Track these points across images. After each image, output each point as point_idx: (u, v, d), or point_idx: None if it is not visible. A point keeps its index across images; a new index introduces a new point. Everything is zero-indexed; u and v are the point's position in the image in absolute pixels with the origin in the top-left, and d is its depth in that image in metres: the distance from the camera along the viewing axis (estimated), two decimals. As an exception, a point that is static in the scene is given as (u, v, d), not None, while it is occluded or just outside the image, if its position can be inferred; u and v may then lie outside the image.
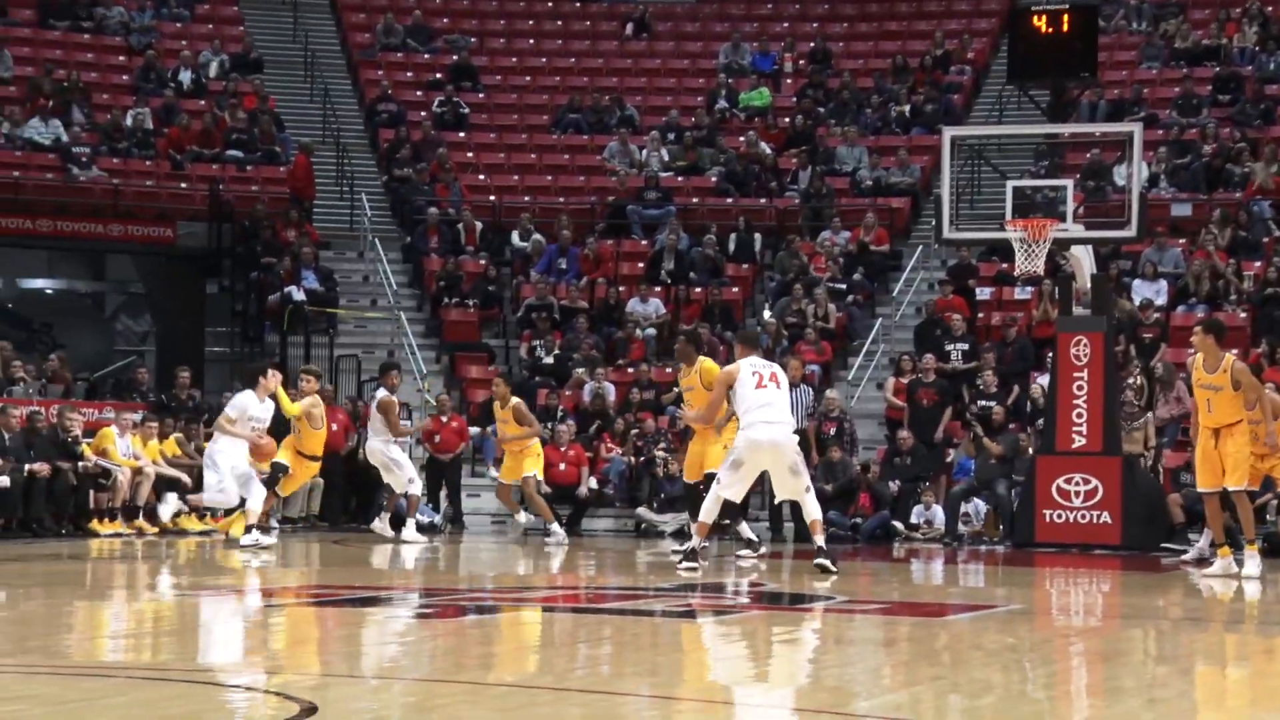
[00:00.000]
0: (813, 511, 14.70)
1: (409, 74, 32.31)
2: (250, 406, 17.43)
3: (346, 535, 20.60)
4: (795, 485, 14.60)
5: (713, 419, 15.61)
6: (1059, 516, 19.08)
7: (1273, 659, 9.99)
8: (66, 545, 17.99)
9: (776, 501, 17.72)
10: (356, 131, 31.27)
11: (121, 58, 31.39)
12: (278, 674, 8.09)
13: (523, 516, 20.25)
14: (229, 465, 17.32)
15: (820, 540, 14.64)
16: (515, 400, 19.71)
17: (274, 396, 17.72)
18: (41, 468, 19.03)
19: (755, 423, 14.30)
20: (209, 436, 22.00)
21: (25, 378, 22.42)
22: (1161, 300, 23.99)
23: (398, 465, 18.97)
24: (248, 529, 17.25)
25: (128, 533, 19.57)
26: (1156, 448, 20.25)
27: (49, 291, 35.58)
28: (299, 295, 26.05)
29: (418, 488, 19.49)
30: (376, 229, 28.43)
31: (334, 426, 21.31)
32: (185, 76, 30.63)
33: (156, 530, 19.86)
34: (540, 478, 19.80)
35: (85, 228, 27.58)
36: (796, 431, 20.46)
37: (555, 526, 19.53)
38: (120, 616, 11.23)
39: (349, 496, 22.69)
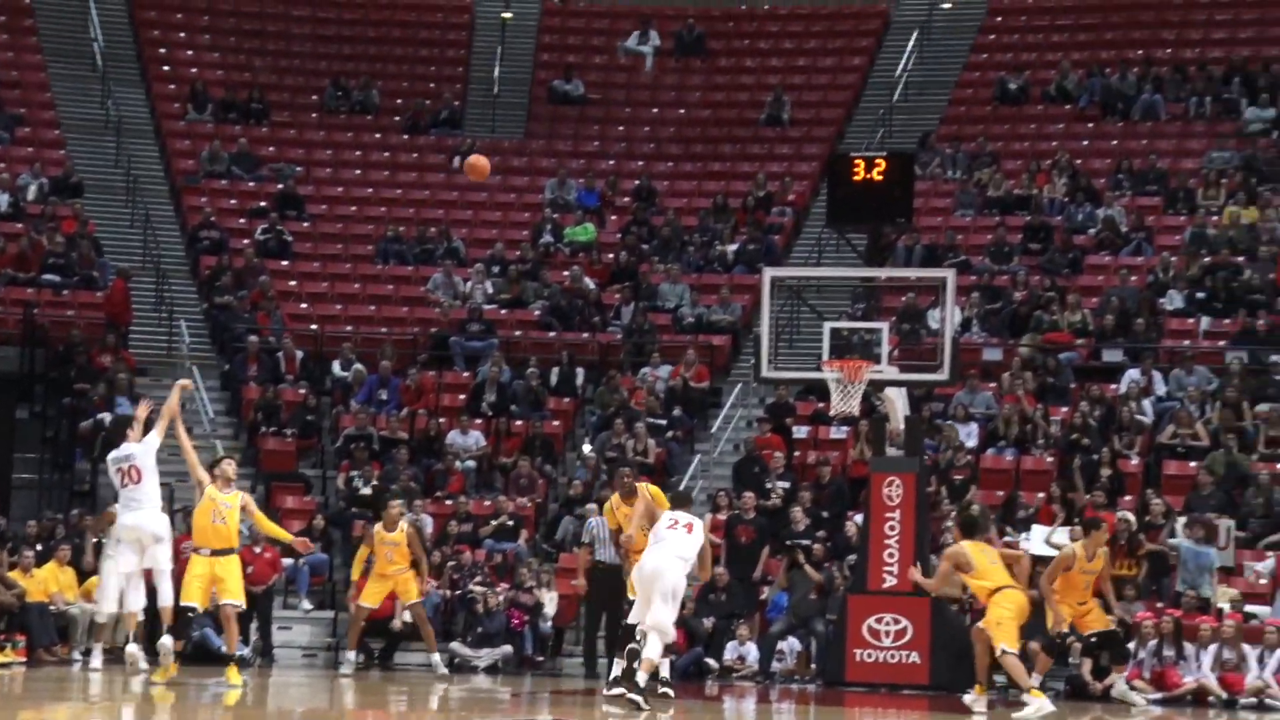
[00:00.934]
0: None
1: (232, 201, 32.16)
2: None
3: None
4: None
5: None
6: (869, 656, 19.25)
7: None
8: None
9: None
10: (177, 257, 31.01)
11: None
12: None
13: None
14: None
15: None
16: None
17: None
18: None
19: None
20: (12, 565, 21.56)
21: None
22: (972, 443, 24.43)
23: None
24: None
25: None
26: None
27: None
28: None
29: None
30: (195, 356, 28.14)
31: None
32: (3, 199, 30.23)
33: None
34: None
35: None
36: (614, 567, 20.63)
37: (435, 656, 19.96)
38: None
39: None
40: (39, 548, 22.06)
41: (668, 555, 15.30)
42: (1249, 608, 20.36)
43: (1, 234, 29.04)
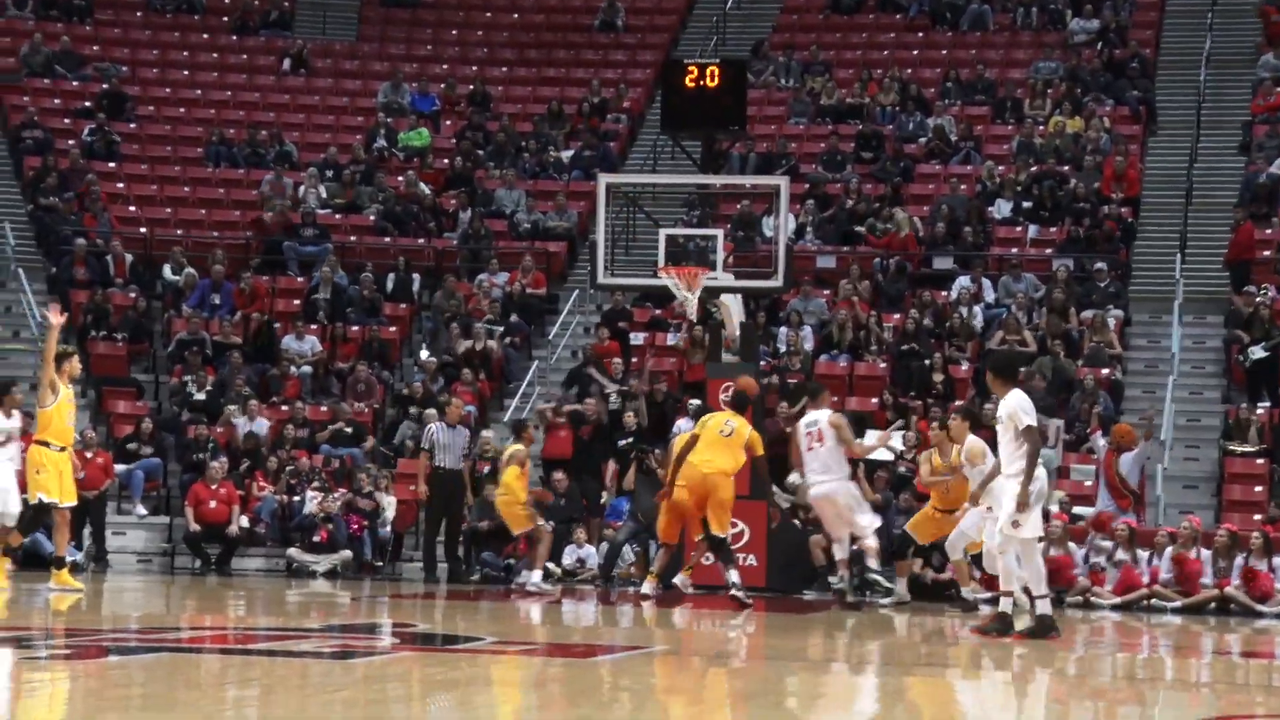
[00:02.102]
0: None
1: (56, 100, 31.45)
2: None
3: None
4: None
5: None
6: (706, 559, 19.48)
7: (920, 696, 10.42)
8: None
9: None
10: (0, 158, 30.31)
11: None
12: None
13: None
14: None
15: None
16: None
17: None
18: None
19: None
20: None
21: None
22: (808, 346, 24.74)
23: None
24: None
25: None
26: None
27: None
28: None
29: None
30: (20, 258, 27.59)
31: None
32: None
33: None
34: None
35: None
36: (453, 471, 20.69)
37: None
38: None
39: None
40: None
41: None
42: (1076, 509, 20.93)
43: None
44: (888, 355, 24.57)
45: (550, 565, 20.10)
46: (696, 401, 21.29)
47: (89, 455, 22.08)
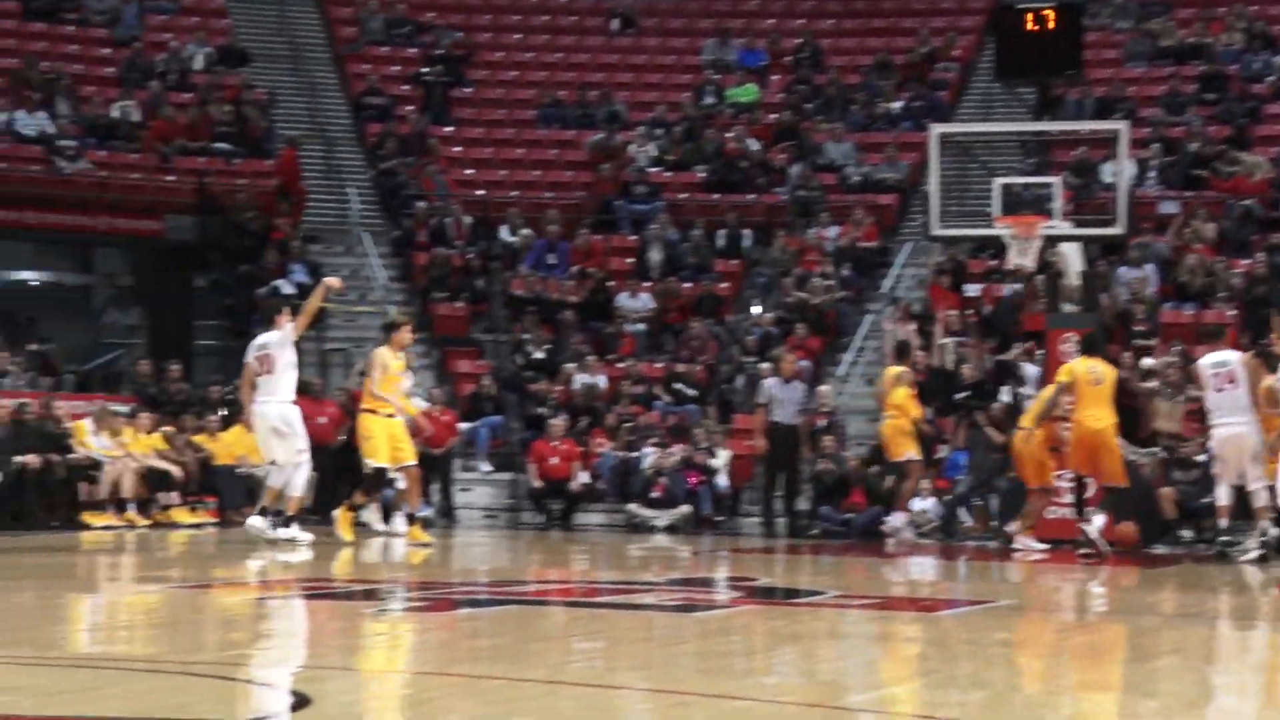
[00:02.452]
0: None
1: (395, 67, 32.24)
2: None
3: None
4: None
5: None
6: (1050, 512, 19.04)
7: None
8: (57, 537, 17.93)
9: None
10: (344, 125, 31.21)
11: (106, 50, 31.28)
12: (270, 666, 8.06)
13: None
14: None
15: None
16: None
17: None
18: (31, 460, 18.97)
19: None
20: (198, 430, 22.01)
21: (14, 369, 22.37)
22: (1151, 290, 23.95)
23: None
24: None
25: (118, 525, 19.53)
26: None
27: (35, 284, 35.45)
28: (287, 289, 25.98)
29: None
30: (364, 223, 28.40)
31: (323, 420, 21.33)
32: (171, 68, 30.53)
33: (148, 522, 19.83)
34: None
35: (72, 220, 27.52)
36: (788, 426, 20.60)
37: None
38: (112, 608, 11.20)
39: (340, 489, 22.62)
40: (224, 412, 22.47)
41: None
42: None
43: (171, 104, 29.35)
44: (1237, 302, 23.66)
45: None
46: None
47: (435, 413, 22.66)
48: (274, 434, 16.36)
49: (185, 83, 30.35)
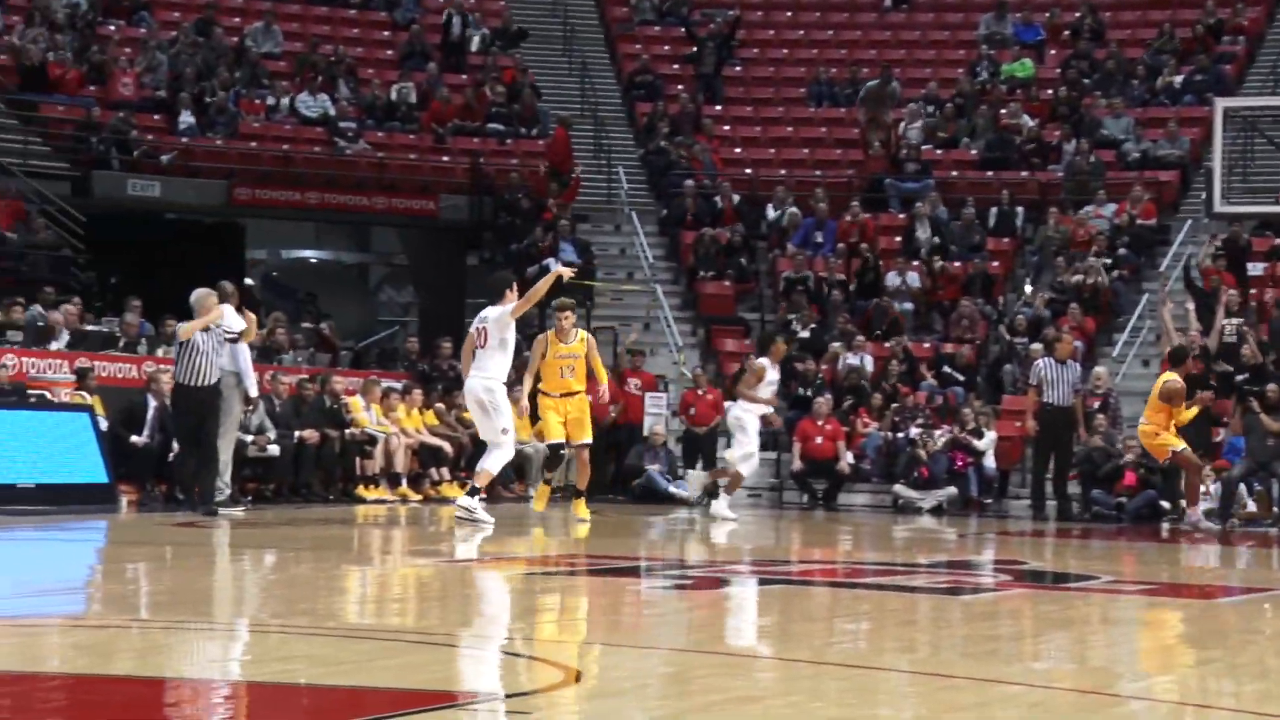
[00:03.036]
0: None
1: (666, 47, 32.35)
2: None
3: (603, 505, 20.72)
4: None
5: None
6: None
7: None
8: (333, 510, 18.39)
9: None
10: (614, 105, 31.43)
11: (386, 33, 31.95)
12: (541, 641, 8.14)
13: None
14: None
15: None
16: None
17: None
18: (310, 434, 19.47)
19: None
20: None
21: (294, 346, 22.99)
22: None
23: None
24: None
25: (391, 499, 19.95)
26: None
27: (314, 261, 36.44)
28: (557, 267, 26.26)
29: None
30: (633, 201, 28.58)
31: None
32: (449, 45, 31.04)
33: (419, 497, 20.24)
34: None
35: (351, 200, 28.18)
36: (1061, 408, 20.12)
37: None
38: (384, 581, 11.43)
39: (608, 467, 22.85)
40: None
41: None
42: None
43: (446, 85, 29.86)
44: None
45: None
46: None
47: (700, 392, 22.74)
48: (479, 409, 16.03)
49: (461, 64, 30.85)
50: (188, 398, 16.30)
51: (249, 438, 18.54)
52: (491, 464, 15.74)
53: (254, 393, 17.29)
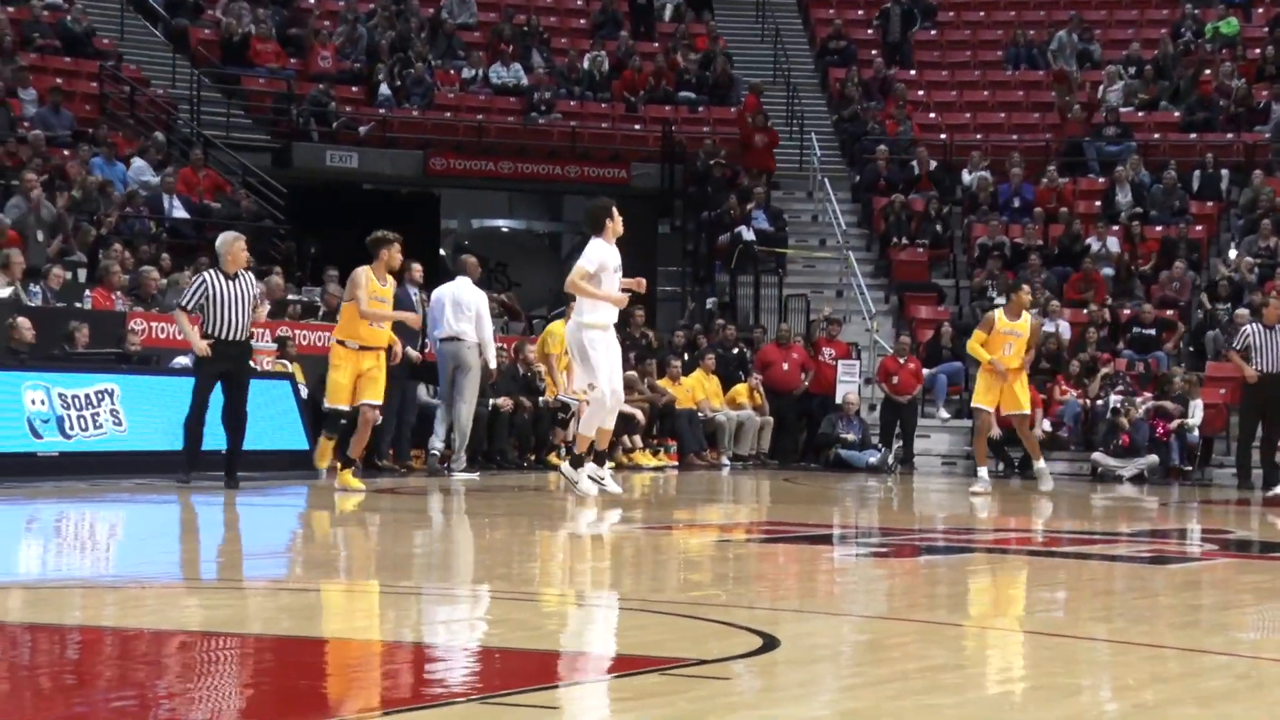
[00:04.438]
0: None
1: (859, 12, 32.07)
2: None
3: (796, 473, 20.67)
4: None
5: None
6: None
7: None
8: (527, 477, 18.52)
9: None
10: (807, 71, 31.24)
11: (579, 2, 32.06)
12: (734, 608, 8.12)
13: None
14: None
15: None
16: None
17: None
18: (504, 402, 19.63)
19: None
20: (661, 374, 22.41)
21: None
22: None
23: None
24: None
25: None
26: None
27: (506, 231, 36.73)
28: (748, 235, 26.21)
29: None
30: (826, 169, 28.40)
31: (786, 366, 21.50)
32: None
33: (611, 465, 20.29)
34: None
35: (543, 169, 28.35)
36: (1272, 374, 19.56)
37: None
38: (577, 547, 11.48)
39: (800, 436, 22.80)
40: (685, 357, 22.84)
41: None
42: None
43: (639, 54, 29.89)
44: None
45: None
46: None
47: (901, 361, 22.57)
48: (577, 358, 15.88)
49: (653, 32, 30.87)
50: (216, 353, 14.44)
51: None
52: (585, 426, 14.39)
53: (493, 364, 17.67)
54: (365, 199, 28.46)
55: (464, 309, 17.23)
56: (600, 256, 14.00)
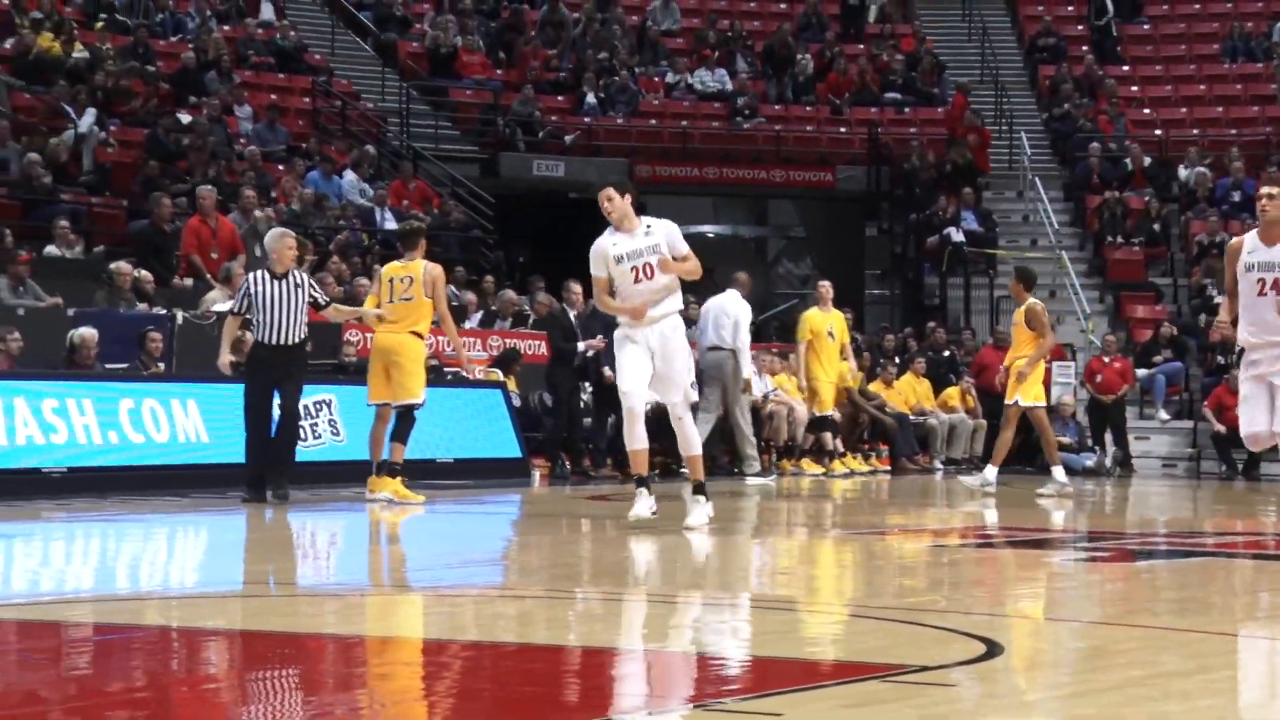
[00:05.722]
0: None
1: (1069, 8, 31.57)
2: None
3: (1011, 477, 20.37)
4: None
5: None
6: None
7: None
8: (733, 483, 18.46)
9: None
10: (1015, 69, 30.83)
11: (783, 5, 31.98)
12: (953, 613, 8.00)
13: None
14: None
15: None
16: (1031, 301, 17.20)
17: None
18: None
19: None
20: (872, 378, 22.24)
21: (690, 321, 23.21)
22: None
23: None
24: None
25: (794, 470, 19.95)
26: None
27: (710, 236, 36.74)
28: (958, 236, 25.93)
29: None
30: (1036, 167, 27.99)
31: (1002, 368, 21.20)
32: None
33: (821, 469, 20.18)
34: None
35: (748, 174, 28.31)
36: None
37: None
38: (791, 553, 11.41)
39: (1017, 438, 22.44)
40: (897, 360, 22.63)
41: None
42: None
43: (844, 55, 29.73)
44: None
45: None
46: None
47: (1106, 360, 22.13)
48: None
49: (860, 33, 30.69)
50: (264, 358, 13.59)
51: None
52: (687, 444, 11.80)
53: (746, 373, 18.07)
54: (571, 207, 28.64)
55: (726, 319, 17.87)
56: (596, 257, 11.36)
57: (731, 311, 18.04)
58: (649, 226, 11.18)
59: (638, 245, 11.09)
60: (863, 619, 7.59)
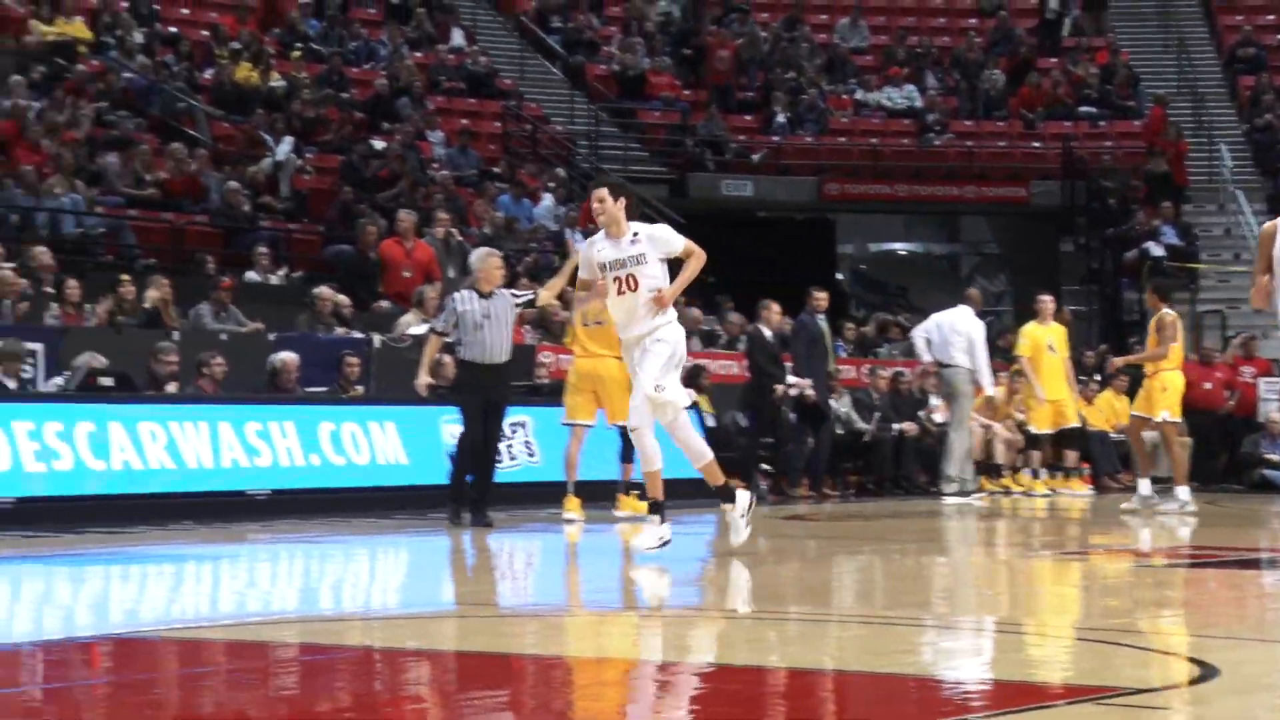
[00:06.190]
0: None
1: (1270, 17, 30.86)
2: None
3: (1219, 495, 19.89)
4: None
5: None
6: None
7: None
8: (933, 503, 18.26)
9: None
10: (1214, 80, 30.20)
11: (973, 20, 31.66)
12: (1166, 634, 7.80)
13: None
14: None
15: None
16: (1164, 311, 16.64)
17: None
18: (909, 427, 19.44)
19: None
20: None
21: (887, 339, 23.04)
22: None
23: None
24: None
25: (994, 490, 19.68)
26: None
27: (903, 254, 36.47)
28: (1157, 251, 25.43)
29: None
30: (1238, 180, 27.37)
31: (1208, 385, 20.81)
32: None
33: (1021, 489, 19.88)
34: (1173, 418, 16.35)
35: (940, 191, 28.04)
36: None
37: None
38: (993, 574, 11.24)
39: (1220, 456, 21.95)
40: (1098, 377, 22.23)
41: None
42: None
43: (1037, 70, 29.36)
44: None
45: None
46: None
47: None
48: None
49: (1055, 47, 30.28)
50: (474, 378, 13.42)
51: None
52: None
53: (989, 390, 18.38)
54: (760, 226, 28.58)
55: (958, 336, 17.88)
56: (582, 261, 10.86)
57: (963, 329, 18.03)
58: (635, 235, 10.54)
59: (621, 255, 10.46)
60: (1072, 640, 7.43)
